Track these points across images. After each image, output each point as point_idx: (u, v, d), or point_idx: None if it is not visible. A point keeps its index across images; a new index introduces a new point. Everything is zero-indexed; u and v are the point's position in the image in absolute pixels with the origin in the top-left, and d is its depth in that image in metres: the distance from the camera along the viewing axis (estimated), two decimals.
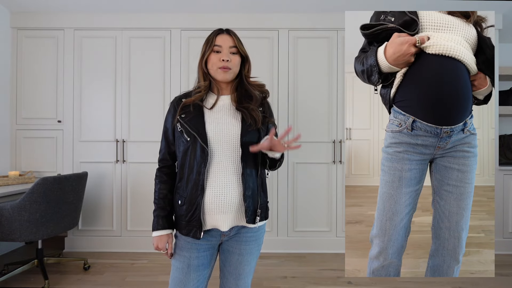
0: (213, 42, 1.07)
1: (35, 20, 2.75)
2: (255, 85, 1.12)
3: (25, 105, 2.76)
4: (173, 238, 1.10)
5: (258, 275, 2.27)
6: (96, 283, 2.15)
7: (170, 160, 1.13)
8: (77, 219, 2.28)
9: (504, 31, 2.86)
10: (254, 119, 1.05)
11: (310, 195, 2.78)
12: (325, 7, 2.66)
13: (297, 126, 2.77)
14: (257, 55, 2.70)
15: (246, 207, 1.02)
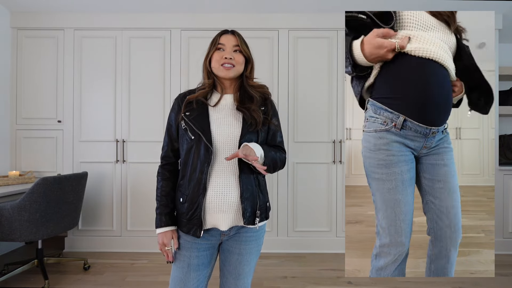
0: (217, 41, 1.09)
1: (35, 20, 2.75)
2: (256, 86, 1.13)
3: (25, 105, 2.76)
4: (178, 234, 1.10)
5: (258, 275, 2.27)
6: (96, 283, 2.15)
7: (173, 158, 1.13)
8: (77, 219, 2.28)
9: (504, 31, 2.86)
10: (255, 120, 1.05)
11: (310, 195, 2.78)
12: (325, 7, 2.67)
13: (297, 126, 2.78)
14: (257, 55, 2.68)
15: (244, 208, 1.02)
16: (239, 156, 0.98)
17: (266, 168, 1.01)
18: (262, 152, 1.02)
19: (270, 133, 1.12)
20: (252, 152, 0.98)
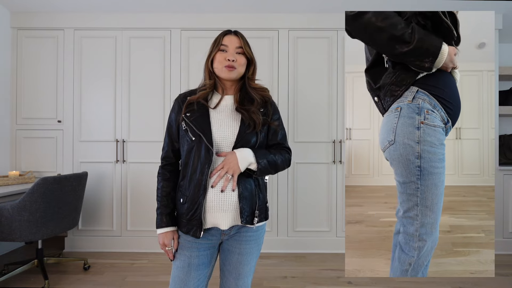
0: (220, 42, 1.08)
1: (35, 20, 2.75)
2: (258, 88, 1.12)
3: (25, 105, 2.76)
4: (178, 234, 1.10)
5: (258, 275, 2.27)
6: (96, 283, 2.15)
7: (173, 158, 1.13)
8: (77, 219, 2.28)
9: (504, 31, 2.86)
10: (254, 121, 1.05)
11: (310, 195, 2.78)
12: (325, 7, 2.67)
13: (297, 126, 2.78)
14: (257, 55, 2.66)
15: (242, 208, 1.02)
16: (221, 176, 1.02)
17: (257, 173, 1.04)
18: (253, 158, 1.03)
19: (270, 132, 1.12)
20: (232, 164, 1.00)
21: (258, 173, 1.04)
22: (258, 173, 1.04)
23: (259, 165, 1.03)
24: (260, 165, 1.03)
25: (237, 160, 1.00)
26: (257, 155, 1.04)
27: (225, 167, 1.01)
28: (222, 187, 1.01)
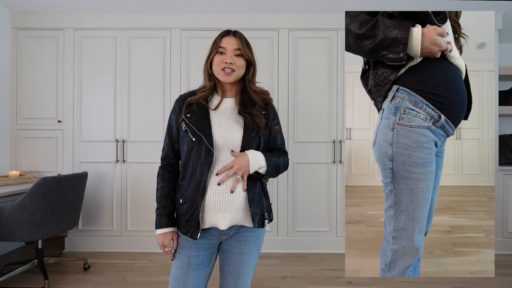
0: (218, 44, 1.07)
1: (35, 20, 2.75)
2: (258, 91, 1.12)
3: (25, 105, 2.76)
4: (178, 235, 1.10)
5: (258, 275, 2.27)
6: (96, 283, 2.15)
7: (173, 159, 1.13)
8: (77, 219, 2.28)
9: (504, 31, 2.86)
10: (257, 125, 1.05)
11: (310, 195, 2.78)
12: (325, 7, 2.66)
13: (297, 126, 2.78)
14: (257, 55, 2.68)
15: (253, 212, 1.03)
16: (229, 176, 1.00)
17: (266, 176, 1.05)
18: (264, 162, 1.03)
19: (271, 136, 1.13)
20: (243, 165, 1.00)
21: (266, 176, 1.05)
22: (266, 176, 1.05)
23: (269, 168, 1.04)
24: (269, 169, 1.04)
25: (249, 162, 1.01)
26: (266, 159, 1.05)
27: (235, 167, 1.00)
28: (231, 188, 1.01)
